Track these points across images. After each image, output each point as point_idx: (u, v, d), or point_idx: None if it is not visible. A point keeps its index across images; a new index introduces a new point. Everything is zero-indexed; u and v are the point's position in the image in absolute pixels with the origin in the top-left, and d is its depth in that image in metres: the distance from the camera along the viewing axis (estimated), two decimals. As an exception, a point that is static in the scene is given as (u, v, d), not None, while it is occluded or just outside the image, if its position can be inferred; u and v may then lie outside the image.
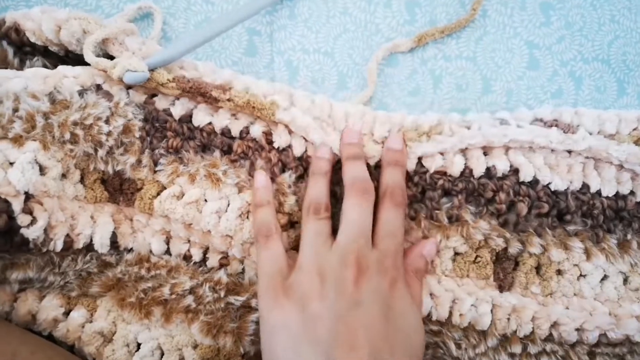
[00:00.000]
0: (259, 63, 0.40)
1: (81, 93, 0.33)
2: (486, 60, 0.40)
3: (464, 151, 0.35)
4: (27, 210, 0.30)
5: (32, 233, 0.30)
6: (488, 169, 0.34)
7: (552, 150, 0.35)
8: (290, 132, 0.35)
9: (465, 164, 0.34)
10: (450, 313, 0.34)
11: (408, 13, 0.40)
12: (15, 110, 0.30)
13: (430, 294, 0.34)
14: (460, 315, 0.34)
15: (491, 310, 0.34)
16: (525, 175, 0.34)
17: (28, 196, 0.30)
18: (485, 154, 0.35)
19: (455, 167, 0.34)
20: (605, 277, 0.35)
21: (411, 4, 0.40)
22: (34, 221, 0.30)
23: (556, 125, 0.35)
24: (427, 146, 0.34)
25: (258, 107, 0.34)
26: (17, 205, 0.29)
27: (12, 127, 0.30)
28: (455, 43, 0.40)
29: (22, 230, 0.29)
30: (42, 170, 0.31)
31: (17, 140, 0.30)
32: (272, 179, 0.35)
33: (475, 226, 0.34)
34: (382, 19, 0.40)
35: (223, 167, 0.34)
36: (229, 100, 0.34)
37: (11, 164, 0.29)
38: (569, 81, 0.40)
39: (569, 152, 0.35)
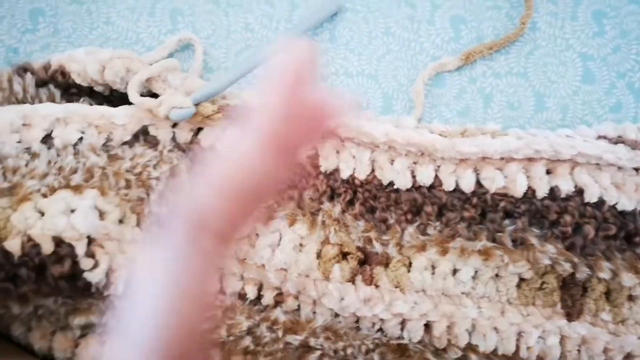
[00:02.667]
0: (302, 90, 0.39)
1: (130, 144, 0.33)
2: (538, 76, 0.38)
3: (526, 169, 0.33)
4: (90, 254, 0.30)
5: (95, 276, 0.30)
6: (551, 189, 0.33)
7: (619, 168, 0.33)
8: (337, 152, 0.34)
9: (527, 184, 0.33)
10: (517, 347, 0.32)
11: (453, 30, 0.39)
12: (77, 163, 0.32)
13: (495, 328, 0.32)
14: (528, 348, 0.32)
15: (560, 342, 0.32)
16: (591, 196, 0.33)
17: (90, 240, 0.30)
18: (548, 172, 0.33)
19: (518, 188, 0.33)
20: (681, 302, 0.33)
21: (456, 21, 0.39)
22: (96, 264, 0.30)
23: (622, 142, 0.33)
24: (494, 143, 0.33)
25: None
26: (80, 249, 0.29)
27: (72, 177, 0.30)
28: (504, 59, 0.38)
29: (85, 274, 0.30)
30: (101, 215, 0.31)
31: (77, 189, 0.31)
32: (319, 210, 0.34)
33: (543, 250, 0.32)
34: (426, 37, 0.39)
35: (270, 201, 0.34)
36: None
37: (72, 211, 0.29)
38: (628, 94, 0.38)
39: (636, 169, 0.33)
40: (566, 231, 0.33)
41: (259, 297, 0.34)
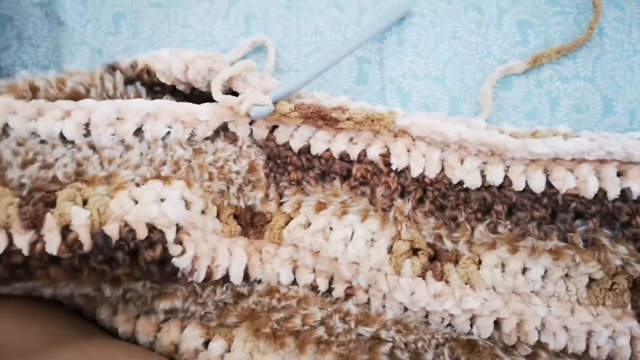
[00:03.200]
0: (370, 91, 0.40)
1: (212, 139, 0.35)
2: (606, 80, 0.38)
3: (597, 170, 0.34)
4: (178, 241, 0.31)
5: (182, 263, 0.31)
6: (623, 191, 0.33)
7: (691, 172, 0.33)
8: (408, 150, 0.35)
9: (598, 185, 0.33)
10: (587, 346, 0.33)
11: (520, 34, 0.40)
12: (165, 156, 0.34)
13: (564, 327, 0.33)
14: (598, 348, 0.32)
15: (630, 343, 0.33)
16: (662, 199, 0.33)
17: (178, 228, 0.32)
18: (619, 175, 0.34)
19: (589, 189, 0.33)
20: None
21: (523, 25, 0.40)
22: (183, 251, 0.31)
23: (694, 146, 0.33)
24: (565, 144, 0.33)
25: (377, 117, 0.34)
26: (170, 235, 0.31)
27: (162, 169, 0.32)
28: (572, 63, 0.39)
29: (174, 260, 0.31)
30: (187, 205, 0.32)
31: (167, 179, 0.32)
32: (391, 206, 0.35)
33: (614, 251, 0.32)
34: (494, 40, 0.40)
35: (344, 196, 0.35)
36: (348, 119, 0.35)
37: (162, 200, 0.31)
38: (698, 98, 0.38)
39: None
40: (638, 232, 0.33)
41: (329, 290, 0.35)
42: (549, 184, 0.34)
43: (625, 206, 0.33)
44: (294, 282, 0.35)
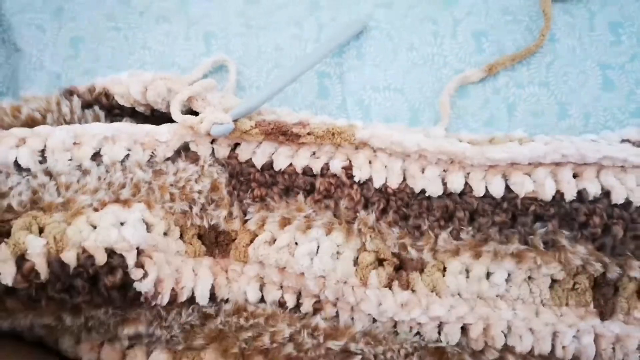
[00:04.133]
0: (331, 105, 0.40)
1: (173, 160, 0.35)
2: (559, 85, 0.39)
3: (554, 173, 0.34)
4: (139, 265, 0.31)
5: (144, 286, 0.31)
6: (579, 192, 0.34)
7: (643, 170, 0.34)
8: (370, 162, 0.36)
9: (555, 188, 0.34)
10: (553, 347, 0.33)
11: (475, 43, 0.41)
12: (125, 178, 0.33)
13: (530, 329, 0.33)
14: (563, 348, 0.33)
15: (594, 341, 0.33)
16: (618, 198, 0.34)
17: (139, 251, 0.31)
18: (575, 176, 0.34)
19: (547, 192, 0.34)
20: None
21: (477, 34, 0.41)
22: (145, 275, 0.31)
23: (645, 145, 0.35)
24: (522, 149, 0.34)
25: (338, 131, 0.35)
26: (131, 259, 0.31)
27: (121, 192, 0.32)
28: (526, 70, 0.40)
29: (135, 284, 0.31)
30: (148, 227, 0.32)
31: (126, 203, 0.32)
32: (355, 218, 0.35)
33: (574, 251, 0.33)
34: (449, 50, 0.41)
35: (308, 210, 0.35)
36: (309, 134, 0.35)
37: (122, 224, 0.31)
38: (647, 98, 0.39)
39: (660, 171, 0.34)
40: (595, 232, 0.33)
41: (297, 305, 0.35)
42: (508, 189, 0.35)
43: (582, 207, 0.34)
44: (262, 300, 0.35)
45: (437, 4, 0.41)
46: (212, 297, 0.34)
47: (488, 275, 0.34)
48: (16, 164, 0.32)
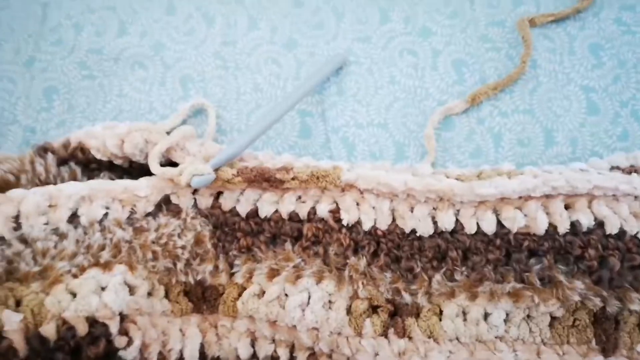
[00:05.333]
0: (315, 144, 0.40)
1: (154, 215, 0.34)
2: (544, 111, 0.39)
3: (545, 206, 0.34)
4: (123, 332, 0.30)
5: (130, 354, 0.30)
6: (572, 224, 0.33)
7: (636, 198, 0.34)
8: (357, 204, 0.35)
9: (548, 221, 0.33)
10: (558, 386, 0.32)
11: (456, 73, 0.40)
12: (104, 240, 0.32)
13: (534, 369, 0.32)
14: (569, 386, 0.32)
15: (599, 378, 0.32)
16: (612, 228, 0.33)
17: (122, 317, 0.30)
18: (566, 208, 0.34)
19: (540, 225, 0.33)
20: None
21: (458, 64, 0.40)
22: (130, 342, 0.30)
23: (635, 171, 0.34)
24: (510, 183, 0.33)
25: (322, 175, 0.34)
26: (114, 327, 0.29)
27: (101, 255, 0.31)
28: (509, 98, 0.39)
29: (120, 353, 0.30)
30: (131, 290, 0.31)
31: (107, 266, 0.31)
32: (345, 265, 0.34)
33: (571, 286, 0.32)
34: (431, 82, 0.40)
35: (296, 259, 0.34)
36: (293, 179, 0.34)
37: (103, 288, 0.30)
38: (633, 121, 0.38)
39: (652, 197, 0.34)
40: (592, 265, 0.33)
41: (291, 359, 0.34)
42: (500, 224, 0.34)
43: (576, 239, 0.33)
44: (254, 356, 0.34)
45: (415, 35, 0.41)
46: (202, 356, 0.33)
47: (486, 316, 0.33)
48: (-12, 233, 0.31)
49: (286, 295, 0.33)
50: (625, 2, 0.41)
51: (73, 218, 0.32)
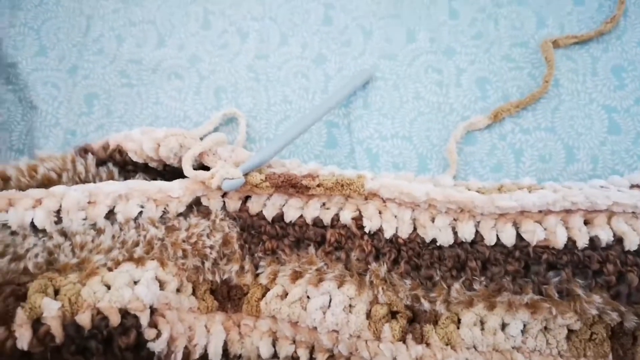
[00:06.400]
0: (340, 154, 0.41)
1: (185, 215, 0.36)
2: (566, 129, 0.40)
3: (565, 221, 0.34)
4: (153, 324, 0.31)
5: (158, 346, 0.31)
6: (591, 239, 0.34)
7: (655, 216, 0.34)
8: (380, 212, 0.36)
9: (567, 235, 0.34)
10: (574, 399, 0.32)
11: (479, 90, 0.41)
12: (138, 236, 0.34)
13: (550, 381, 0.33)
14: (585, 400, 0.32)
15: (616, 392, 0.32)
16: (631, 244, 0.33)
17: (152, 310, 0.31)
18: (586, 223, 0.34)
19: (559, 239, 0.34)
20: None
21: (481, 82, 0.41)
22: (159, 334, 0.31)
23: (655, 190, 0.34)
24: (531, 197, 0.34)
25: (347, 182, 0.35)
26: (144, 319, 0.31)
27: (135, 250, 0.32)
28: (531, 115, 0.40)
29: (149, 344, 0.31)
30: (161, 285, 0.32)
31: (140, 261, 0.32)
32: (366, 270, 0.35)
33: (589, 300, 0.32)
34: (455, 98, 0.41)
35: (319, 263, 0.35)
36: (318, 186, 0.35)
37: (135, 282, 0.31)
38: (655, 142, 0.39)
39: (673, 216, 0.34)
40: (610, 280, 0.33)
41: (311, 360, 0.35)
42: (519, 237, 0.35)
43: (595, 254, 0.33)
44: (275, 355, 0.35)
45: (439, 54, 0.42)
46: (225, 353, 0.34)
47: (503, 326, 0.33)
48: (32, 225, 0.32)
49: (308, 297, 0.34)
50: (649, 26, 0.42)
51: (110, 215, 0.34)
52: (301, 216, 0.36)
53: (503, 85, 0.41)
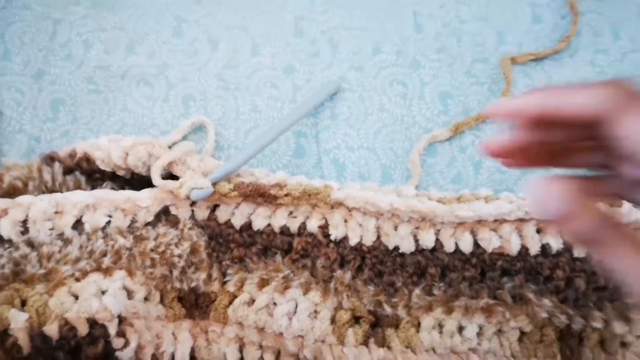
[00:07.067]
0: (307, 163, 0.42)
1: (153, 224, 0.36)
2: (521, 142, 0.42)
3: (519, 229, 0.36)
4: (121, 333, 0.32)
5: (126, 355, 0.31)
6: (543, 247, 0.36)
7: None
8: (345, 221, 0.37)
9: (520, 243, 0.36)
10: (525, 398, 0.34)
11: (442, 104, 0.43)
12: (106, 246, 0.34)
13: (503, 382, 0.35)
14: (535, 398, 0.34)
15: (564, 391, 0.35)
16: (579, 251, 0.36)
17: (120, 319, 0.32)
18: (538, 231, 0.37)
19: (513, 247, 0.36)
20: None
21: (443, 96, 0.43)
22: (126, 343, 0.32)
23: (600, 202, 0.37)
24: (488, 207, 0.36)
25: (314, 192, 0.36)
26: (112, 329, 0.31)
27: (102, 260, 0.32)
28: (489, 128, 0.42)
29: (117, 353, 0.31)
30: (129, 294, 0.33)
31: (107, 271, 0.33)
32: (331, 277, 0.36)
33: (540, 304, 0.35)
34: (418, 111, 0.43)
35: (286, 271, 0.36)
36: (286, 195, 0.36)
37: (103, 292, 0.31)
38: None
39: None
40: (559, 285, 0.35)
41: (277, 365, 0.36)
42: (476, 245, 0.37)
43: (546, 261, 0.36)
44: (241, 360, 0.36)
45: (405, 67, 0.44)
46: (193, 359, 0.35)
47: (460, 329, 0.35)
48: (-2, 236, 0.32)
49: (275, 304, 0.35)
50: (599, 46, 0.45)
51: (77, 225, 0.34)
52: (269, 224, 0.37)
53: (464, 99, 0.43)
